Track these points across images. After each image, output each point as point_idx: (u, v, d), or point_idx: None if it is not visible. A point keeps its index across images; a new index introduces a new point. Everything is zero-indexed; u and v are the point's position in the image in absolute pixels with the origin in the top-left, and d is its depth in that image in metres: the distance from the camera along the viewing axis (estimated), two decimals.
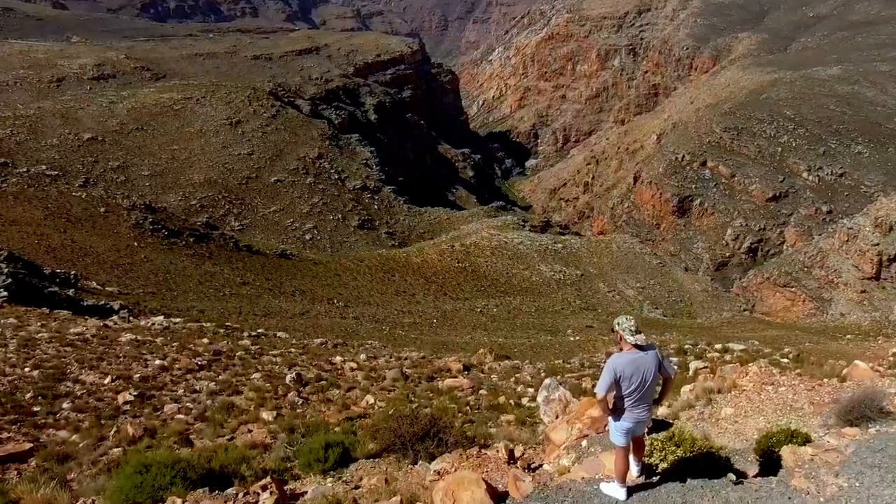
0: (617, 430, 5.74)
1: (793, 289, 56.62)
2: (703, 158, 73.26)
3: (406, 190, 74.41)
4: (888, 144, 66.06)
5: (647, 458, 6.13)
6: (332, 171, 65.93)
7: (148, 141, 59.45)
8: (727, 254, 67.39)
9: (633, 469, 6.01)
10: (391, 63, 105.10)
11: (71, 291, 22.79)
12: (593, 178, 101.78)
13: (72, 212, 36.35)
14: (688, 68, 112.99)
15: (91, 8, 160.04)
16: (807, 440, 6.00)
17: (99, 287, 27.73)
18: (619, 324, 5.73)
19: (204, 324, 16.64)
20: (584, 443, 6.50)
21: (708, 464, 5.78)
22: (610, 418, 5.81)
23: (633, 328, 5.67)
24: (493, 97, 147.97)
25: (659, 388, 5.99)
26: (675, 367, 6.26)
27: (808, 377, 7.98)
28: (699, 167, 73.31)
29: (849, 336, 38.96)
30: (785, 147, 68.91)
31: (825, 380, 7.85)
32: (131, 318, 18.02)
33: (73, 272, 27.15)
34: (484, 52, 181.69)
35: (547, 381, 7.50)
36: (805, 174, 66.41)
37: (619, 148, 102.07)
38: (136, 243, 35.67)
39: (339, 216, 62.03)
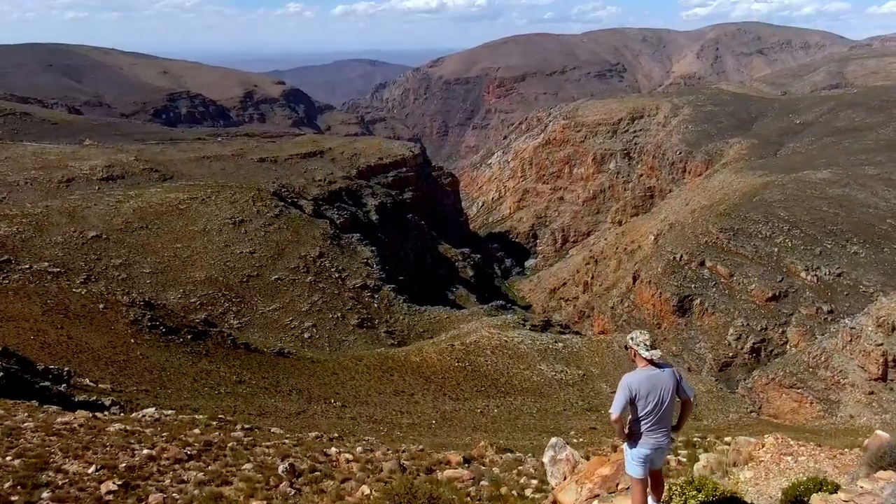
0: (633, 459, 5.31)
1: (799, 390, 55.51)
2: (700, 258, 73.94)
3: (406, 289, 74.54)
4: (883, 245, 66.81)
5: None
6: (332, 269, 66.27)
7: (152, 239, 60.11)
8: (730, 354, 66.64)
9: None
10: (393, 166, 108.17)
11: (62, 387, 22.33)
12: (592, 277, 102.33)
13: (70, 308, 36.18)
14: (681, 172, 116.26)
15: (105, 113, 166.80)
16: (836, 488, 5.65)
17: (92, 384, 27.18)
18: (632, 338, 5.41)
19: (196, 416, 16.20)
20: (594, 503, 6.13)
21: None
22: (625, 446, 5.40)
23: (648, 343, 5.35)
24: (493, 199, 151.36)
25: (677, 414, 5.59)
26: (694, 389, 5.81)
27: (829, 448, 7.65)
28: (698, 267, 73.85)
29: (861, 439, 37.91)
30: (781, 247, 69.68)
31: (846, 449, 7.52)
32: (121, 413, 17.55)
33: (66, 368, 26.70)
34: (483, 155, 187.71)
35: (553, 440, 7.18)
36: (803, 274, 66.74)
37: (617, 248, 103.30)
38: (132, 340, 35.29)
39: (339, 315, 61.76)
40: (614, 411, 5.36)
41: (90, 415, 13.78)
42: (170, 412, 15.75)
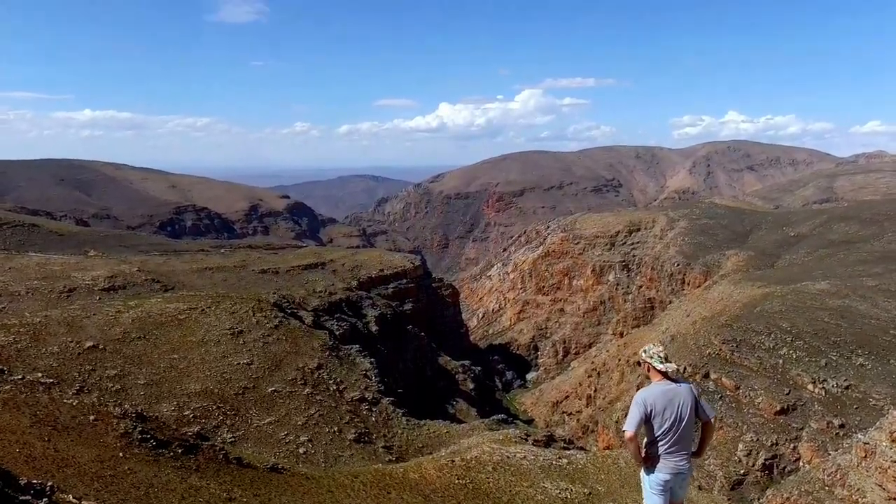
0: (652, 488, 4.66)
1: None
2: (705, 370, 72.80)
3: (405, 401, 72.89)
4: (888, 356, 65.98)
5: None
6: (330, 381, 65.13)
7: (149, 350, 59.45)
8: (741, 471, 64.11)
9: None
10: (393, 277, 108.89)
11: (44, 502, 21.27)
12: (595, 390, 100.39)
13: (60, 419, 35.11)
14: (680, 283, 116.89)
15: (112, 225, 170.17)
16: None
17: (75, 500, 25.88)
18: (645, 351, 4.95)
19: None
20: None
21: None
22: (642, 472, 4.80)
23: (662, 355, 4.90)
24: (493, 310, 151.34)
25: (697, 439, 4.98)
26: (714, 411, 5.19)
27: None
28: (702, 379, 72.53)
29: None
30: (786, 359, 68.79)
31: None
32: None
33: (49, 483, 25.45)
34: (483, 267, 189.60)
35: None
36: (810, 386, 65.47)
37: (619, 360, 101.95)
38: (121, 454, 33.96)
39: (336, 429, 60.00)
40: (629, 427, 4.83)
41: None
42: None
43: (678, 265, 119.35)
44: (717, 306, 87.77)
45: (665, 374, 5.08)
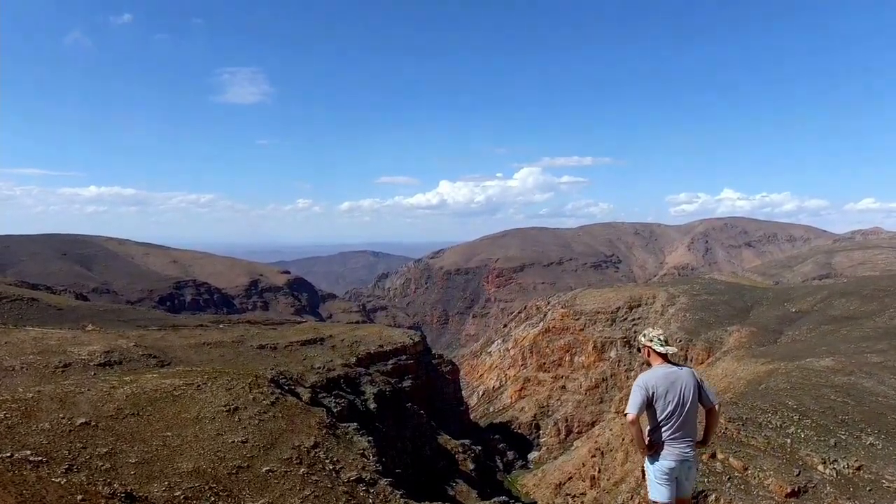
0: (657, 477, 4.27)
1: None
2: (712, 450, 70.85)
3: (403, 482, 70.49)
4: None
5: None
6: (327, 460, 63.07)
7: (141, 427, 57.98)
8: None
9: None
10: (393, 353, 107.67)
11: None
12: (599, 471, 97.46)
13: (46, 500, 33.97)
14: (683, 359, 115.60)
15: (112, 300, 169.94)
16: None
17: None
18: (645, 335, 4.69)
19: None
20: None
21: None
22: (646, 462, 4.42)
23: (661, 338, 4.65)
24: (493, 387, 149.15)
25: (701, 429, 4.58)
26: (718, 397, 4.80)
27: None
28: (709, 459, 70.49)
29: None
30: (794, 438, 67.11)
31: None
32: None
33: None
34: (483, 343, 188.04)
35: None
36: (820, 467, 63.57)
37: (623, 439, 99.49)
38: None
39: None
40: (631, 410, 4.53)
41: None
42: None
43: (680, 341, 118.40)
44: (722, 383, 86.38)
45: (665, 357, 4.90)
